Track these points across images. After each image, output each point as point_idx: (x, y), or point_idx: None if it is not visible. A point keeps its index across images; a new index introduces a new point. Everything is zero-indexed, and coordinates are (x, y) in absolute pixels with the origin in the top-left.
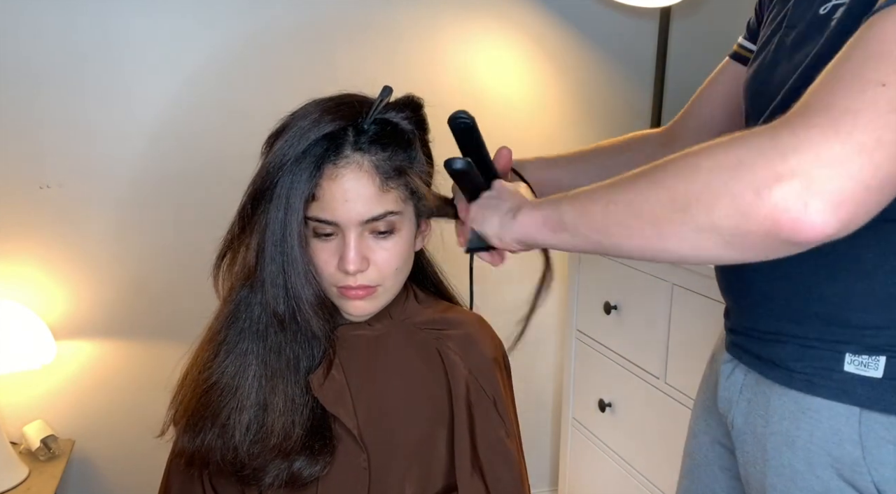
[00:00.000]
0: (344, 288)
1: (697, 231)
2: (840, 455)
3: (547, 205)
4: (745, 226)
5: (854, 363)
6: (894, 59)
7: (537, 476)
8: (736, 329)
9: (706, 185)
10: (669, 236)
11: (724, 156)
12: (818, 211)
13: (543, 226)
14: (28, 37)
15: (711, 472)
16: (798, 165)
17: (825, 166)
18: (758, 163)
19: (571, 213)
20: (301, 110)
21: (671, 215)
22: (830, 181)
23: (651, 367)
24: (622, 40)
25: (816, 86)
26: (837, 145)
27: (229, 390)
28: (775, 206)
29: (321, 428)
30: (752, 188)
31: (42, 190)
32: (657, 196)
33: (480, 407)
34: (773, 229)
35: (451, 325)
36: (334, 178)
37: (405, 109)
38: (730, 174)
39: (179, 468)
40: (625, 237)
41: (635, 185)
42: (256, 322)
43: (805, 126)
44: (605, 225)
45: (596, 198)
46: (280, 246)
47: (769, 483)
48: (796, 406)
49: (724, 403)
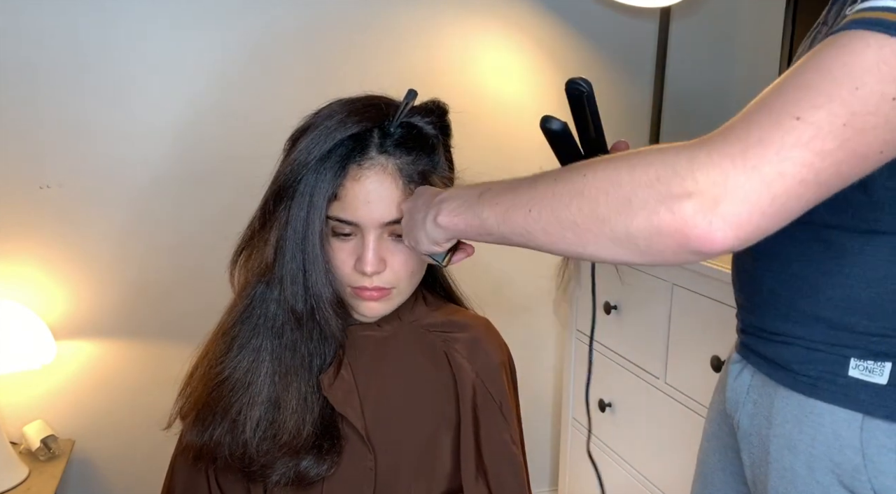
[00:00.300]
0: (359, 288)
1: (615, 240)
2: (841, 461)
3: (466, 208)
4: (659, 238)
5: (859, 368)
6: (816, 93)
7: (537, 476)
8: (745, 328)
9: (626, 200)
10: (589, 243)
11: (643, 172)
12: (720, 229)
13: (467, 229)
14: (28, 37)
15: (724, 476)
16: (707, 188)
17: (729, 193)
18: (673, 181)
19: (494, 219)
20: (326, 109)
21: (591, 225)
22: (733, 206)
23: (651, 367)
24: (622, 40)
25: (749, 108)
26: (743, 176)
27: (241, 385)
28: (685, 223)
29: (330, 428)
30: (666, 205)
31: (42, 190)
32: (578, 205)
33: (486, 410)
34: (683, 242)
35: (459, 328)
36: (358, 179)
37: (430, 114)
38: (647, 190)
39: (186, 463)
40: (547, 242)
41: (556, 192)
42: (272, 318)
43: (720, 153)
44: (528, 229)
45: (516, 204)
46: (302, 244)
47: (771, 486)
48: (800, 409)
49: (732, 404)
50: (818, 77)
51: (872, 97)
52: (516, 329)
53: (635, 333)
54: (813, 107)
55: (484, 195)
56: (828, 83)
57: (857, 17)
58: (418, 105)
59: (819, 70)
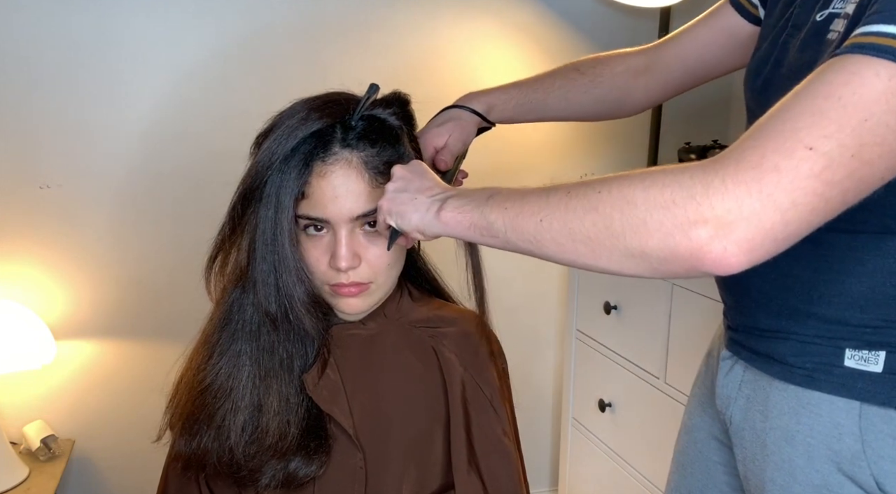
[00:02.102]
0: (336, 285)
1: (629, 256)
2: (840, 449)
3: (472, 207)
4: (672, 258)
5: (854, 358)
6: (827, 121)
7: (537, 475)
8: (735, 326)
9: (641, 220)
10: (601, 257)
11: (659, 193)
12: (734, 254)
13: (470, 229)
14: (27, 37)
15: (706, 467)
16: (722, 214)
17: (744, 219)
18: (689, 206)
19: (501, 222)
20: (288, 109)
21: (605, 239)
22: (747, 232)
23: (651, 367)
24: (622, 40)
25: (759, 127)
26: (758, 203)
27: (223, 391)
28: (700, 247)
29: (316, 428)
30: (681, 228)
31: (42, 190)
32: (592, 220)
33: (477, 404)
34: (697, 264)
35: (447, 323)
36: (323, 175)
37: (392, 105)
38: (663, 212)
39: (176, 471)
40: (557, 251)
41: (570, 206)
42: (249, 322)
43: (734, 180)
44: (537, 238)
45: (527, 210)
46: (271, 245)
47: (768, 478)
48: (796, 400)
49: (723, 399)
50: (828, 105)
51: (879, 128)
52: (516, 329)
53: (635, 333)
54: (824, 137)
55: (493, 198)
56: (837, 112)
57: (865, 41)
58: (379, 98)
59: (829, 97)
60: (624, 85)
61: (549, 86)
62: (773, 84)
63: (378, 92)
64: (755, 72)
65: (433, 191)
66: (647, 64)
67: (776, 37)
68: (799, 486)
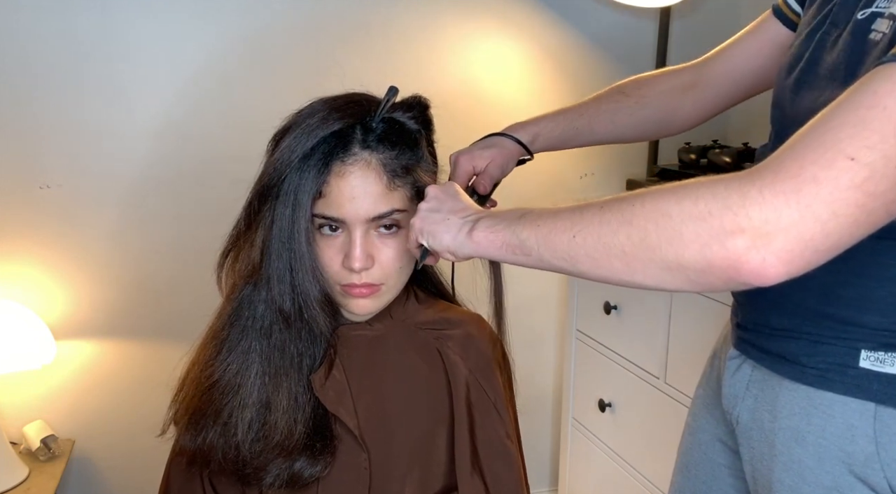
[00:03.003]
0: (348, 286)
1: (665, 269)
2: (853, 451)
3: (504, 226)
4: (709, 269)
5: (870, 359)
6: (870, 131)
7: (537, 476)
8: (745, 325)
9: (677, 232)
10: (637, 271)
11: (694, 204)
12: (773, 265)
13: (502, 248)
14: (28, 37)
15: (710, 469)
16: (760, 225)
17: (783, 230)
18: (725, 217)
19: (534, 240)
20: (308, 108)
21: (640, 253)
22: (786, 242)
23: (651, 367)
24: (622, 40)
25: (798, 139)
26: (797, 213)
27: (231, 388)
28: (738, 258)
29: (322, 428)
30: (718, 239)
31: (42, 190)
32: (627, 233)
33: (481, 406)
34: (734, 274)
35: (452, 325)
36: (342, 176)
37: (412, 109)
38: (699, 224)
39: (180, 467)
40: (591, 267)
41: (604, 220)
42: (260, 319)
43: (772, 190)
44: (571, 254)
45: (560, 227)
46: (287, 243)
47: (776, 479)
48: (807, 401)
49: (729, 399)
50: (871, 115)
51: None
52: (516, 329)
53: (635, 333)
54: (866, 148)
55: (525, 216)
56: (881, 122)
57: None
58: (400, 100)
59: (873, 107)
60: (670, 103)
61: (595, 111)
62: (807, 82)
63: (397, 94)
64: (788, 68)
65: (466, 212)
66: (694, 80)
67: (812, 33)
68: (808, 487)
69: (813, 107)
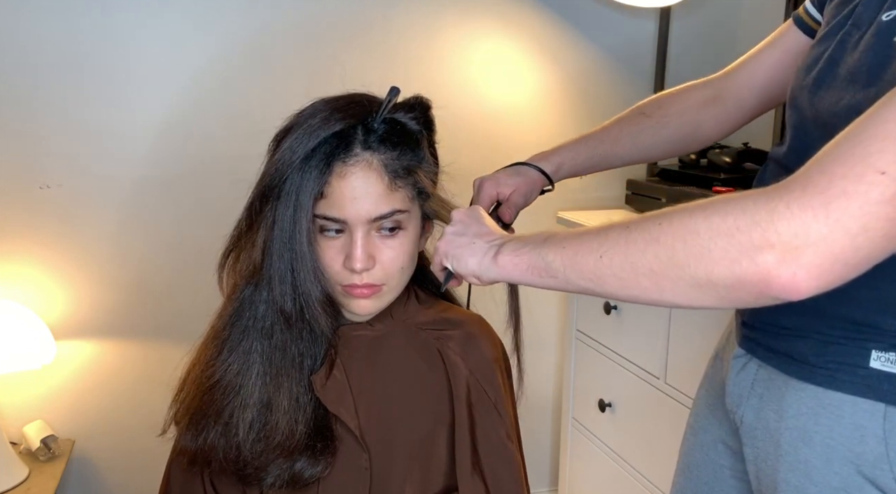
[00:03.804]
0: (349, 286)
1: (695, 286)
2: (862, 452)
3: (529, 249)
4: (739, 285)
5: (881, 359)
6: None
7: (537, 476)
8: (752, 323)
9: (705, 249)
10: (666, 289)
11: (722, 220)
12: (803, 279)
13: (528, 271)
14: (28, 37)
15: (711, 470)
16: (789, 240)
17: (812, 244)
18: (754, 232)
19: (560, 262)
20: (309, 109)
21: (669, 271)
22: (816, 256)
23: (651, 367)
24: (622, 40)
25: (825, 154)
26: (825, 228)
27: (233, 388)
28: (768, 272)
29: (323, 428)
30: (747, 255)
31: (42, 190)
32: (655, 252)
33: (481, 407)
34: (765, 289)
35: (452, 325)
36: (343, 176)
37: (414, 110)
38: (727, 240)
39: (181, 467)
40: (619, 287)
41: (630, 239)
42: (261, 319)
43: (800, 205)
44: (598, 275)
45: (586, 248)
46: (289, 243)
47: (782, 479)
48: (815, 401)
49: (734, 398)
50: None
51: None
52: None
53: (635, 333)
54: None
55: (550, 239)
56: None
57: None
58: (401, 101)
59: None
60: (693, 119)
61: (617, 134)
62: (825, 82)
63: (398, 95)
64: (806, 68)
65: (491, 236)
66: (716, 94)
67: (832, 33)
68: (815, 487)
69: (833, 110)
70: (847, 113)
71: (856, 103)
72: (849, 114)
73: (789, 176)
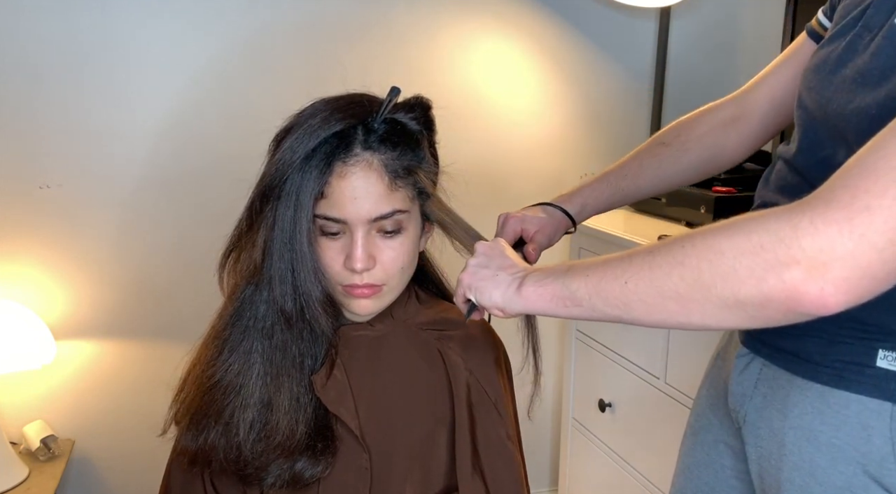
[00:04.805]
0: (349, 286)
1: (723, 307)
2: (868, 451)
3: (552, 279)
4: (768, 303)
5: (888, 359)
6: None
7: (537, 476)
8: None
9: (731, 268)
10: (694, 312)
11: (746, 239)
12: (832, 294)
13: (552, 302)
14: (29, 37)
15: (712, 470)
16: (815, 255)
17: (839, 259)
18: (779, 249)
19: (585, 290)
20: (309, 109)
21: (695, 293)
22: (842, 271)
23: (651, 367)
24: (622, 40)
25: (847, 169)
26: (850, 243)
27: (233, 388)
28: (796, 289)
29: (324, 429)
30: (774, 272)
31: (42, 190)
32: (680, 274)
33: (481, 407)
34: (795, 306)
35: (453, 326)
36: (344, 176)
37: (414, 110)
38: (752, 258)
39: (181, 467)
40: (646, 313)
41: (655, 264)
42: (262, 319)
43: (824, 220)
44: (624, 301)
45: (610, 274)
46: (289, 243)
47: (785, 478)
48: (821, 400)
49: (736, 397)
50: None
51: None
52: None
53: (635, 333)
54: None
55: (573, 268)
56: None
57: None
58: (401, 101)
59: None
60: (714, 142)
61: (638, 168)
62: (833, 83)
63: (399, 95)
64: (814, 69)
65: (514, 268)
66: (735, 113)
67: (840, 34)
68: (820, 487)
69: (843, 113)
70: (857, 116)
71: (865, 106)
72: (858, 117)
73: (796, 175)
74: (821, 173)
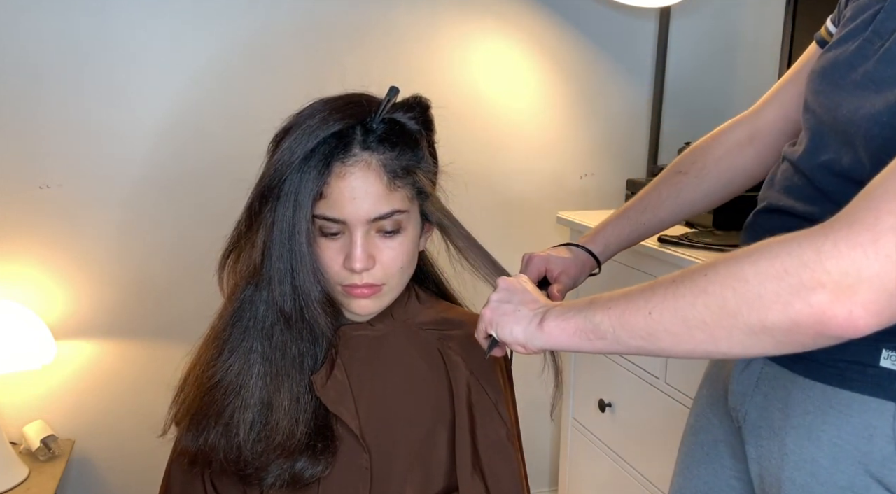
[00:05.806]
0: (349, 286)
1: (750, 334)
2: (870, 451)
3: (574, 313)
4: (796, 328)
5: (891, 358)
6: None
7: (537, 476)
8: None
9: (757, 295)
10: (721, 340)
11: (769, 264)
12: (861, 317)
13: (575, 335)
14: (29, 37)
15: (712, 470)
16: (840, 278)
17: (865, 281)
18: (804, 273)
19: (608, 322)
20: (308, 109)
21: (721, 321)
22: (870, 293)
23: (651, 367)
24: (622, 40)
25: (870, 191)
26: (877, 264)
27: (233, 388)
28: (823, 312)
29: (324, 428)
30: (800, 296)
31: (42, 190)
32: (705, 303)
33: (482, 407)
34: (823, 329)
35: (453, 325)
36: (343, 176)
37: (413, 109)
38: (777, 283)
39: (182, 467)
40: (673, 343)
41: (678, 293)
42: (261, 320)
43: (847, 243)
44: (650, 332)
45: (633, 306)
46: (288, 243)
47: (787, 477)
48: (823, 399)
49: (737, 396)
50: None
51: None
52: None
53: None
54: None
55: (595, 302)
56: None
57: None
58: (400, 101)
59: None
60: (732, 164)
61: (657, 200)
62: (842, 87)
63: (398, 95)
64: (821, 72)
65: (536, 304)
66: (751, 133)
67: (849, 37)
68: (821, 487)
69: (852, 119)
70: (867, 121)
71: (875, 113)
72: (869, 123)
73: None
74: (823, 176)
